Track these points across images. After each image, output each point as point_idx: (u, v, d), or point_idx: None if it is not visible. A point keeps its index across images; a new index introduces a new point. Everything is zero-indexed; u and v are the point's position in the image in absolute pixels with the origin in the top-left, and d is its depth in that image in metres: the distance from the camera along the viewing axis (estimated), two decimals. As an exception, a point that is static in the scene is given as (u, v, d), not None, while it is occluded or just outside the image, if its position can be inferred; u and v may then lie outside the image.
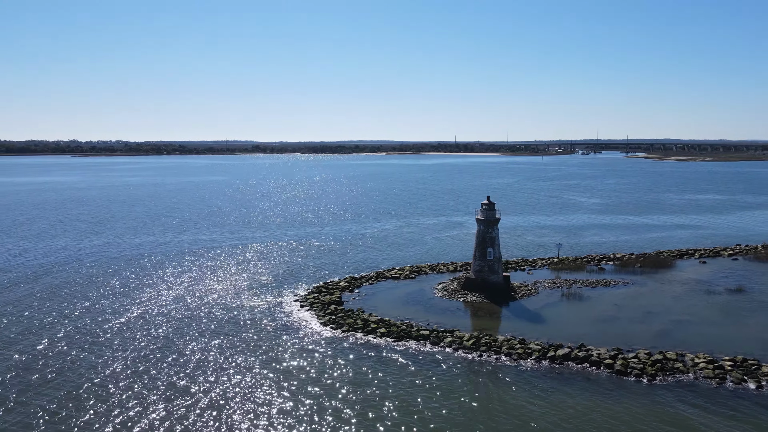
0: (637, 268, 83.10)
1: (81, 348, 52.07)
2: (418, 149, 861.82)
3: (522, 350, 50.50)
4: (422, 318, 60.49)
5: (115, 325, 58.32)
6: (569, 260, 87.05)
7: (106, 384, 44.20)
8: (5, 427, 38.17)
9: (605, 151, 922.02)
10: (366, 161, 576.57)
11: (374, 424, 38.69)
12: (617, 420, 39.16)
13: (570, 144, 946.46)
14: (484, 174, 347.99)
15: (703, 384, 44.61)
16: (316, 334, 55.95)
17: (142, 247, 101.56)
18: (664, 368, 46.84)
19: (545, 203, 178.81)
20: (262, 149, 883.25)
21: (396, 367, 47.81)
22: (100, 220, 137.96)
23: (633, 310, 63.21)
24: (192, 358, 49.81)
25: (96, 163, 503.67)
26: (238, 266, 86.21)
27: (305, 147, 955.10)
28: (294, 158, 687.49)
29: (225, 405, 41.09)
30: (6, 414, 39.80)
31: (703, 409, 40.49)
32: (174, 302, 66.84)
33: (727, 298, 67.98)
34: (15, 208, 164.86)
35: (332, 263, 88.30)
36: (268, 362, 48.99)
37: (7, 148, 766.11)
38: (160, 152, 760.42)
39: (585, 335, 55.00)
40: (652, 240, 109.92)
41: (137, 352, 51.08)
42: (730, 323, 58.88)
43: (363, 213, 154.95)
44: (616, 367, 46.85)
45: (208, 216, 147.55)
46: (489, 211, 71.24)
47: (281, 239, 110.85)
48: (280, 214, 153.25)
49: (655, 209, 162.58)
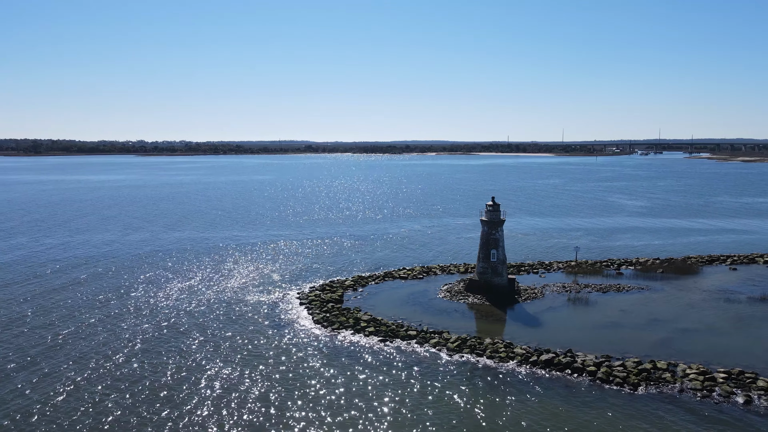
0: (658, 274, 79.61)
1: (78, 335, 55.14)
2: (469, 149, 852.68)
3: (505, 354, 49.63)
4: (417, 319, 60.37)
5: (125, 312, 61.31)
6: (587, 264, 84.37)
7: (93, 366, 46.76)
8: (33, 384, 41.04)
9: (667, 151, 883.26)
10: (414, 161, 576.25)
11: (323, 421, 39.11)
12: (579, 427, 37.96)
13: (629, 144, 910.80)
14: (531, 175, 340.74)
15: (688, 396, 42.51)
16: (305, 331, 56.89)
17: (174, 243, 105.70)
18: (650, 378, 44.95)
19: (587, 205, 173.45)
20: (314, 149, 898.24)
21: (370, 366, 47.99)
22: (141, 217, 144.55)
23: (638, 317, 60.77)
24: (176, 348, 51.71)
25: (156, 162, 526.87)
26: (256, 262, 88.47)
27: (356, 147, 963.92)
28: (344, 158, 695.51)
29: (186, 395, 42.54)
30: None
31: (677, 422, 38.63)
32: (184, 294, 69.41)
33: (746, 307, 64.20)
34: (69, 204, 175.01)
35: (347, 262, 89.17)
36: (247, 355, 50.24)
37: (79, 148, 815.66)
38: (216, 152, 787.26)
39: (579, 341, 53.45)
40: (687, 244, 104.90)
41: (132, 340, 53.57)
42: (740, 333, 55.68)
43: (393, 212, 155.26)
44: (598, 375, 45.33)
45: (241, 213, 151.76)
46: (493, 213, 70.12)
47: (303, 237, 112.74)
48: (309, 212, 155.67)
49: (701, 213, 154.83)
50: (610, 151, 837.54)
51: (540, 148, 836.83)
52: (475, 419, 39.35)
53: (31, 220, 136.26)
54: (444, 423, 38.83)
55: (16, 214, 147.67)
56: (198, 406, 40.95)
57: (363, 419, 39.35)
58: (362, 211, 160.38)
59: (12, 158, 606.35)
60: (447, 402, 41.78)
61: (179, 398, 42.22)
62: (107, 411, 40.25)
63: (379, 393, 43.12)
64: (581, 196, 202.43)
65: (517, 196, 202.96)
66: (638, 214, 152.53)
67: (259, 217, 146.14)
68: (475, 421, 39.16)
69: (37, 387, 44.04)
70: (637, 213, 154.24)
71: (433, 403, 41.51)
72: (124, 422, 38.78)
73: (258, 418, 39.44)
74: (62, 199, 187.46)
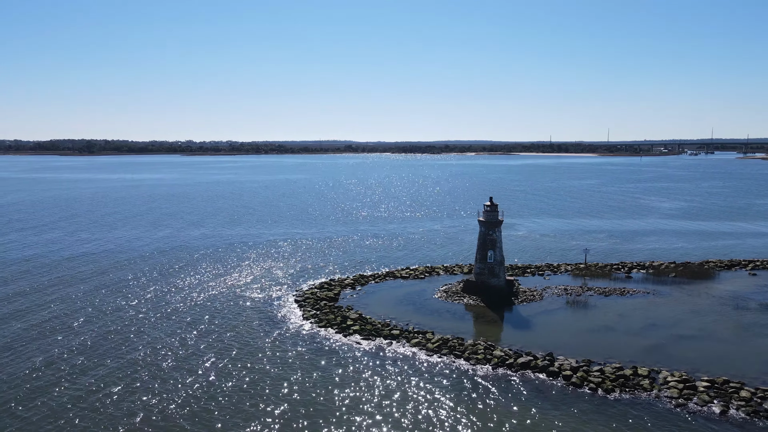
0: (670, 278, 76.90)
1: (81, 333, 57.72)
2: (509, 149, 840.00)
3: (483, 356, 49.11)
4: (406, 318, 60.34)
5: (131, 303, 63.81)
6: (596, 266, 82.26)
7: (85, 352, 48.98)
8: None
9: (719, 151, 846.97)
10: (451, 161, 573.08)
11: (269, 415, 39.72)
12: (534, 429, 37.38)
13: (678, 144, 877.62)
14: (568, 175, 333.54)
15: (661, 403, 41.10)
16: (291, 327, 57.75)
17: (193, 239, 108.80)
18: (626, 384, 43.64)
19: (616, 207, 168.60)
20: (354, 149, 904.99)
21: (339, 362, 48.22)
22: (167, 214, 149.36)
23: (636, 322, 58.96)
24: (162, 336, 53.41)
25: (199, 162, 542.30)
26: (264, 259, 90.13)
27: (395, 147, 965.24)
28: (381, 158, 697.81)
29: (158, 388, 43.94)
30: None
31: (638, 429, 37.42)
32: (191, 287, 71.46)
33: (753, 314, 61.33)
34: (99, 201, 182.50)
35: (354, 260, 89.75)
36: (221, 347, 51.41)
37: (130, 148, 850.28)
38: (258, 151, 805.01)
39: (566, 344, 52.35)
40: (712, 248, 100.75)
41: (129, 326, 55.72)
42: (738, 341, 53.30)
43: (414, 212, 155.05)
44: (573, 380, 44.35)
45: (263, 211, 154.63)
46: (490, 213, 69.31)
47: (317, 236, 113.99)
48: (333, 211, 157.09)
49: (741, 216, 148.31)
50: (657, 152, 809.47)
51: (583, 149, 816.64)
52: (429, 419, 39.17)
53: (64, 216, 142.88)
54: (392, 420, 38.83)
55: (49, 212, 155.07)
56: (155, 390, 42.29)
57: (308, 414, 39.75)
58: (381, 210, 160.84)
59: (67, 157, 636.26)
60: (403, 400, 41.71)
61: (137, 385, 43.69)
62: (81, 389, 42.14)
63: (339, 389, 43.40)
64: (613, 198, 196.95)
65: (546, 197, 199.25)
66: (669, 216, 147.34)
67: (279, 215, 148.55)
68: (427, 421, 38.98)
69: (36, 366, 46.43)
70: (669, 215, 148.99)
71: (390, 401, 41.52)
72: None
73: (201, 409, 40.33)
74: (94, 196, 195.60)
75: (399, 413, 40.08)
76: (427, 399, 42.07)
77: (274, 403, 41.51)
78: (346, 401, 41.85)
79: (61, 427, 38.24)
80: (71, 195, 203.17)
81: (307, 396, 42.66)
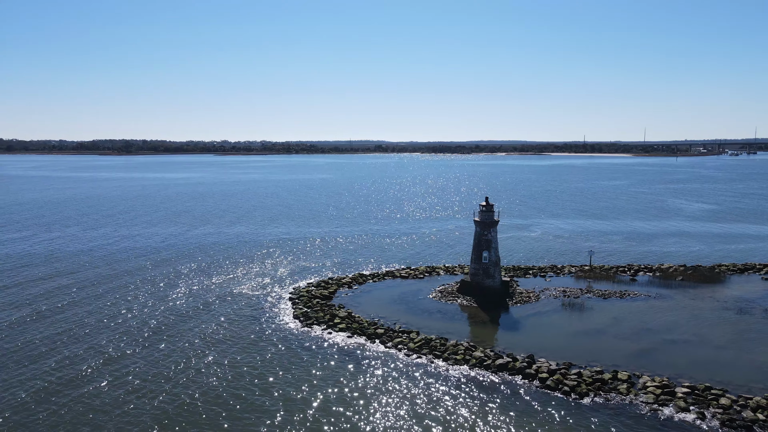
0: (676, 282, 74.75)
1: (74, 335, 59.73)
2: (541, 150, 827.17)
3: (462, 356, 48.79)
4: (396, 318, 60.29)
5: (135, 298, 65.74)
6: (600, 268, 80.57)
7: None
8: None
9: (762, 152, 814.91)
10: (480, 161, 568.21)
11: (228, 411, 40.29)
12: (497, 429, 36.97)
13: (718, 144, 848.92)
14: (597, 176, 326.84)
15: (634, 408, 40.12)
16: (278, 324, 58.42)
17: (206, 237, 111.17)
18: (602, 388, 42.75)
19: (639, 208, 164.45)
20: (384, 149, 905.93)
21: (319, 361, 48.56)
22: (180, 212, 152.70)
23: (628, 326, 57.60)
24: (155, 336, 54.81)
25: (230, 161, 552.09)
26: (267, 258, 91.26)
27: (425, 147, 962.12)
28: (410, 158, 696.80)
29: (136, 380, 45.14)
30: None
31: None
32: (192, 283, 73.10)
33: (755, 320, 59.14)
34: (120, 200, 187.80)
35: (359, 259, 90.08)
36: (201, 342, 52.38)
37: (166, 148, 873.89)
38: (289, 151, 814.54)
39: (551, 347, 51.55)
40: (729, 251, 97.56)
41: (130, 327, 57.42)
42: (731, 348, 51.50)
43: (428, 212, 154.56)
44: (548, 382, 43.66)
45: (281, 210, 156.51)
46: (486, 213, 68.70)
47: (328, 235, 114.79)
48: (350, 210, 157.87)
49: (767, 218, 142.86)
50: (696, 152, 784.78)
51: (617, 149, 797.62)
52: (387, 418, 39.16)
53: (62, 217, 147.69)
54: (354, 419, 38.98)
55: (70, 209, 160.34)
56: (129, 382, 43.44)
57: (272, 410, 40.20)
58: (395, 209, 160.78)
59: (106, 157, 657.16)
60: (370, 399, 41.78)
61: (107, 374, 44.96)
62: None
63: (310, 386, 43.74)
64: (639, 199, 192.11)
65: (570, 198, 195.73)
66: (693, 218, 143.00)
67: (296, 213, 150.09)
68: (385, 419, 38.98)
69: (38, 357, 48.38)
70: (693, 217, 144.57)
71: (358, 400, 41.66)
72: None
73: (160, 403, 41.24)
74: (118, 195, 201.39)
75: (363, 412, 40.15)
76: (394, 398, 42.04)
77: (242, 398, 42.16)
78: (314, 398, 42.17)
79: (38, 412, 39.72)
80: (78, 194, 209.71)
81: (278, 391, 43.17)
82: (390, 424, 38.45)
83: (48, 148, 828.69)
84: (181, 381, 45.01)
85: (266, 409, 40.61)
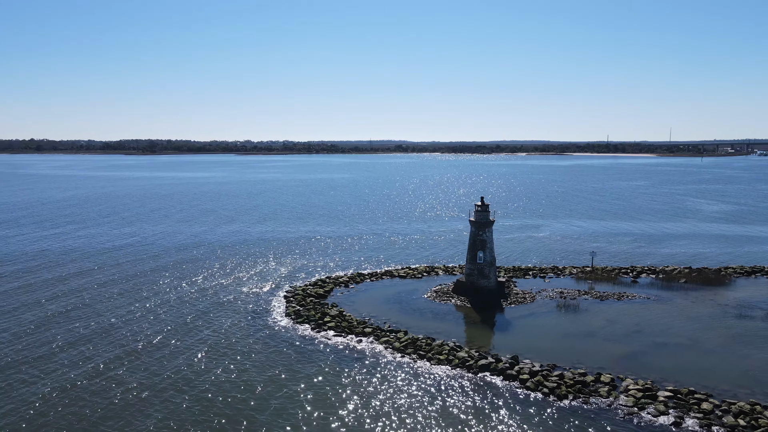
0: (679, 284, 73.39)
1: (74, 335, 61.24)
2: (562, 150, 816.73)
3: (446, 357, 48.70)
4: (386, 317, 60.40)
5: (138, 298, 67.19)
6: (602, 270, 79.51)
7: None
8: None
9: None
10: (500, 161, 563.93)
11: (208, 409, 40.83)
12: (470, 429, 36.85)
13: (747, 144, 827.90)
14: (619, 176, 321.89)
15: (613, 411, 39.59)
16: (268, 322, 58.97)
17: (214, 236, 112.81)
18: (583, 391, 42.29)
19: (657, 209, 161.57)
20: (404, 149, 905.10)
21: (303, 358, 48.92)
22: (207, 211, 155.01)
23: (621, 328, 56.80)
24: (150, 334, 55.89)
25: (251, 161, 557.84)
26: (268, 257, 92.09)
27: (445, 147, 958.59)
28: (429, 158, 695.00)
29: (122, 374, 46.09)
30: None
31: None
32: (194, 281, 74.36)
33: (754, 324, 57.78)
34: (134, 198, 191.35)
35: (358, 258, 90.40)
36: (190, 338, 53.23)
37: (189, 147, 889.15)
38: (310, 151, 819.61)
39: (539, 348, 51.17)
40: (742, 253, 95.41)
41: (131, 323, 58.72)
42: (723, 352, 50.42)
43: (439, 213, 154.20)
44: (528, 384, 43.37)
45: (292, 210, 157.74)
46: (481, 213, 68.38)
47: (335, 234, 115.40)
48: (362, 210, 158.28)
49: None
50: (723, 152, 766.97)
51: (641, 149, 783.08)
52: (361, 417, 39.33)
53: (60, 217, 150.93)
54: (328, 418, 39.24)
55: (54, 212, 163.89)
56: (115, 377, 44.39)
57: (249, 407, 40.69)
58: (405, 210, 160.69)
59: (131, 156, 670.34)
60: (345, 398, 41.94)
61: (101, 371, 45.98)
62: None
63: (289, 383, 44.16)
64: (657, 200, 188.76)
65: (585, 198, 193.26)
66: (709, 219, 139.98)
67: (303, 213, 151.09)
68: (359, 418, 39.16)
69: (40, 355, 49.86)
70: (709, 218, 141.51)
71: (333, 398, 41.87)
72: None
73: (148, 394, 42.06)
74: (133, 194, 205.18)
75: (336, 413, 40.37)
76: (370, 398, 42.14)
77: (221, 395, 42.77)
78: (290, 395, 42.52)
79: (35, 416, 40.93)
80: (93, 193, 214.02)
81: (259, 387, 43.70)
82: (359, 423, 38.61)
83: (76, 148, 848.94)
84: (144, 376, 45.80)
85: (245, 407, 41.12)
